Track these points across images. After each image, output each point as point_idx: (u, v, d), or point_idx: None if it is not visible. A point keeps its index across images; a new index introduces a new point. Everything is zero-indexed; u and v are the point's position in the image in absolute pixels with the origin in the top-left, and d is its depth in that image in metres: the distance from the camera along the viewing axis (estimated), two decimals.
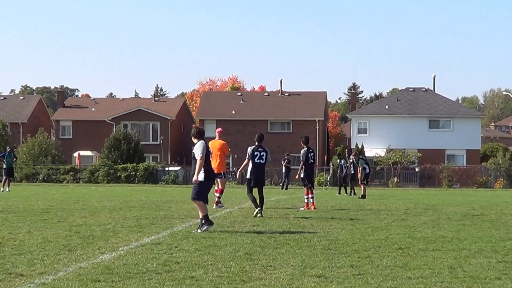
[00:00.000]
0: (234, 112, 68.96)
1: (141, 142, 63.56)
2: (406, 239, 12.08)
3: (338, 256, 9.96)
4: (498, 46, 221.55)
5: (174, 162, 65.16)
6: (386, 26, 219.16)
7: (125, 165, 57.63)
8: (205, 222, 12.97)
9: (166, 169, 58.75)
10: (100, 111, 73.29)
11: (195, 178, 13.12)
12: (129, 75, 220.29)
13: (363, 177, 29.20)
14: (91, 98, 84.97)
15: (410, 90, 71.36)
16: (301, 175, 19.73)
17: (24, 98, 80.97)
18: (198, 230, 12.89)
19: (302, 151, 19.64)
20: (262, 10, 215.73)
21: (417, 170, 60.83)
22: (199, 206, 13.11)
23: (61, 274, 8.35)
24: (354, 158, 31.88)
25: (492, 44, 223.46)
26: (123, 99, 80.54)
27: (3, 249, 10.49)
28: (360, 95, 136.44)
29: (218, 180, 19.00)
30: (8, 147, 38.27)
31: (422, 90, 71.03)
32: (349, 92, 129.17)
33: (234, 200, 25.14)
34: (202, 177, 13.07)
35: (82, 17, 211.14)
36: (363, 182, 29.09)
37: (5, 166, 35.04)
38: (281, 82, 75.12)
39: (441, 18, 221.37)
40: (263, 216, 16.70)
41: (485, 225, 15.25)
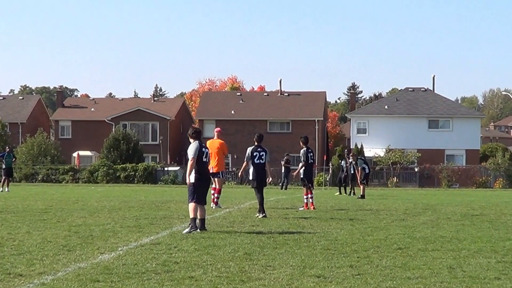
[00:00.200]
0: (233, 112, 68.95)
1: (140, 142, 63.53)
2: (405, 239, 12.09)
3: (337, 256, 9.96)
4: (497, 46, 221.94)
5: (173, 162, 65.16)
6: (386, 26, 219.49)
7: (124, 165, 57.60)
8: (190, 224, 12.86)
9: (166, 169, 58.71)
10: (99, 111, 73.25)
11: (187, 179, 13.12)
12: (128, 75, 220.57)
13: (363, 177, 29.21)
14: (90, 98, 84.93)
15: (410, 90, 71.35)
16: (300, 175, 19.74)
17: (23, 98, 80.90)
18: (184, 230, 12.89)
19: (302, 151, 19.64)
20: (262, 10, 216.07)
21: (416, 170, 60.82)
22: (190, 208, 13.02)
23: (60, 274, 8.36)
24: (352, 159, 31.89)
25: (491, 44, 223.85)
26: (123, 99, 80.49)
27: (2, 249, 10.48)
28: (359, 95, 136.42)
29: (216, 179, 19.02)
30: (7, 147, 38.25)
31: (422, 90, 71.01)
32: (348, 92, 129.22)
33: (233, 200, 25.14)
34: (193, 178, 13.01)
35: (82, 17, 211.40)
36: (363, 182, 29.09)
37: (4, 166, 35.02)
38: (280, 82, 75.23)
39: (440, 18, 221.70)
40: (267, 216, 16.71)
41: (484, 225, 15.25)
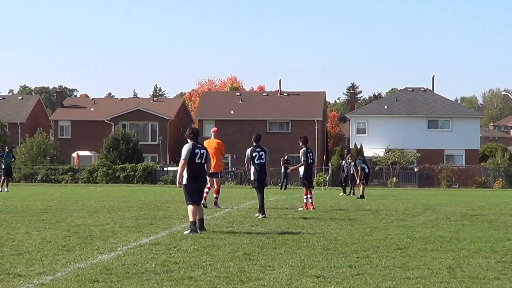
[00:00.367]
0: (233, 112, 68.95)
1: (139, 142, 63.52)
2: (405, 239, 12.08)
3: (336, 256, 9.95)
4: (497, 46, 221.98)
5: (172, 162, 65.04)
6: (385, 26, 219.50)
7: (123, 165, 57.58)
8: (191, 228, 12.81)
9: (165, 169, 58.70)
10: (98, 111, 73.23)
11: (177, 181, 13.10)
12: (127, 75, 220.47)
13: (363, 177, 29.16)
14: (90, 98, 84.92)
15: (409, 90, 71.35)
16: (300, 175, 19.81)
17: (22, 98, 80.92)
18: (185, 231, 12.87)
19: (302, 151, 19.68)
20: (261, 10, 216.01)
21: (416, 170, 60.82)
22: (189, 211, 13.00)
23: (59, 274, 8.36)
24: (351, 159, 31.89)
25: (491, 44, 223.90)
26: (122, 99, 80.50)
27: (2, 249, 10.48)
28: (359, 95, 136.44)
29: (214, 179, 19.01)
30: (6, 147, 38.23)
31: (421, 90, 71.02)
32: (348, 92, 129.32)
33: (232, 200, 25.13)
34: (185, 179, 12.95)
35: (81, 17, 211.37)
36: (362, 182, 29.05)
37: (3, 166, 34.99)
38: (280, 82, 75.29)
39: (440, 18, 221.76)
40: (266, 216, 16.71)
41: (484, 225, 15.25)
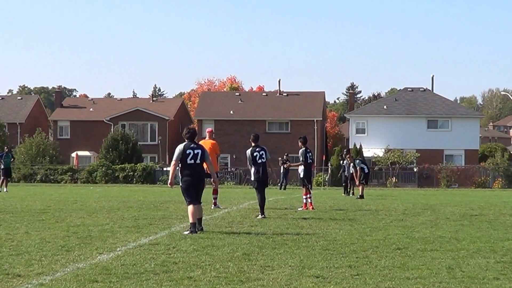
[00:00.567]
0: (232, 112, 68.94)
1: (139, 142, 63.55)
2: (404, 240, 12.08)
3: (336, 256, 9.95)
4: (496, 46, 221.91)
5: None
6: (384, 26, 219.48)
7: (123, 165, 57.59)
8: (190, 228, 12.77)
9: (164, 169, 58.64)
10: (98, 111, 73.24)
11: (169, 182, 13.13)
12: (127, 75, 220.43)
13: (362, 177, 29.11)
14: (89, 98, 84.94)
15: (409, 90, 71.34)
16: (300, 175, 19.92)
17: (22, 98, 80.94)
18: (184, 231, 12.87)
19: (301, 151, 19.79)
20: (260, 10, 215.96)
21: (415, 170, 60.83)
22: (188, 211, 12.97)
23: (59, 274, 8.35)
24: (349, 159, 31.88)
25: (490, 44, 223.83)
26: (121, 99, 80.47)
27: (1, 249, 10.47)
28: (358, 95, 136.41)
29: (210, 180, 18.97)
30: (6, 148, 38.18)
31: (421, 90, 71.03)
32: (347, 92, 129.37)
33: (232, 200, 25.13)
34: (181, 180, 12.96)
35: (80, 17, 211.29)
36: (362, 182, 29.02)
37: (3, 167, 34.95)
38: (279, 82, 75.34)
39: (439, 18, 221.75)
40: (266, 216, 16.70)
41: (483, 225, 15.25)
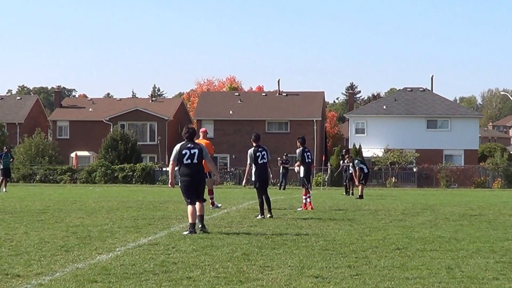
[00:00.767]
0: (231, 112, 68.93)
1: (138, 143, 63.52)
2: (403, 240, 12.07)
3: (335, 256, 9.94)
4: (496, 46, 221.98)
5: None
6: (384, 26, 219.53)
7: (122, 165, 57.55)
8: (190, 228, 12.75)
9: (164, 169, 58.62)
10: (97, 111, 73.22)
11: (169, 182, 13.16)
12: (126, 75, 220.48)
13: (362, 177, 29.08)
14: (88, 98, 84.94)
15: (408, 90, 71.36)
16: (300, 175, 20.12)
17: (21, 99, 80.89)
18: (184, 232, 12.87)
19: (298, 151, 20.04)
20: (260, 10, 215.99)
21: (415, 170, 60.82)
22: (188, 212, 12.96)
23: (58, 274, 8.34)
24: (348, 160, 31.89)
25: (490, 44, 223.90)
26: (121, 99, 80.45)
27: (0, 250, 10.46)
28: (358, 95, 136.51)
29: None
30: (5, 148, 38.13)
31: (420, 90, 71.04)
32: (347, 92, 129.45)
33: (231, 200, 25.12)
34: (179, 181, 12.96)
35: (79, 17, 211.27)
36: (361, 182, 29.00)
37: (2, 167, 34.88)
38: (278, 82, 75.35)
39: (439, 18, 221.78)
40: (274, 216, 16.67)
41: (483, 225, 15.24)
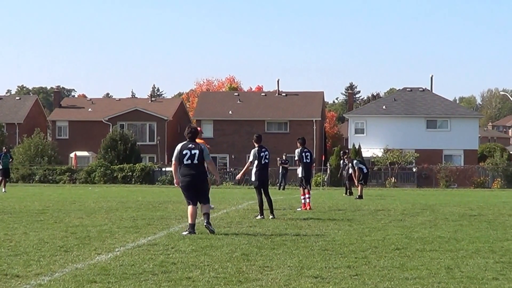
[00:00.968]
0: (231, 112, 68.93)
1: (137, 143, 63.50)
2: (403, 240, 12.07)
3: (335, 256, 9.93)
4: (496, 46, 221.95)
5: (170, 163, 64.84)
6: (384, 26, 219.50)
7: (121, 165, 57.53)
8: (189, 228, 12.74)
9: (163, 169, 58.65)
10: (96, 112, 73.20)
11: (175, 182, 13.19)
12: (125, 75, 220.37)
13: (361, 177, 29.07)
14: (88, 99, 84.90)
15: (408, 90, 71.36)
16: (299, 174, 20.22)
17: (20, 99, 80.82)
18: (183, 232, 12.86)
19: (296, 151, 20.29)
20: (259, 10, 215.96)
21: (414, 170, 60.83)
22: (188, 212, 12.95)
23: (57, 275, 8.32)
24: (347, 161, 31.91)
25: (490, 44, 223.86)
26: (120, 99, 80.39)
27: None
28: (357, 95, 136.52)
29: None
30: (4, 148, 38.17)
31: (420, 90, 71.05)
32: (346, 92, 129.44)
33: (230, 200, 25.11)
34: (180, 181, 12.98)
35: (79, 17, 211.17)
36: (361, 182, 28.99)
37: (1, 167, 34.87)
38: (278, 82, 75.40)
39: (438, 18, 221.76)
40: (275, 217, 16.65)
41: (482, 225, 15.24)
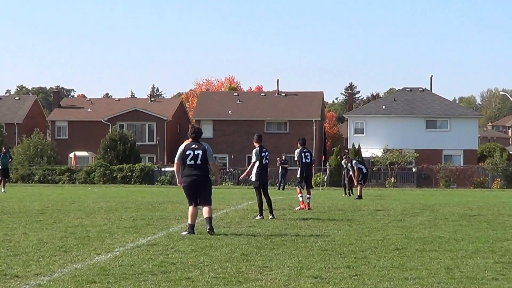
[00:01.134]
0: (230, 112, 68.93)
1: (137, 143, 63.51)
2: (403, 240, 12.06)
3: (334, 257, 9.93)
4: (495, 46, 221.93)
5: (170, 163, 65.01)
6: (383, 26, 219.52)
7: (121, 165, 57.53)
8: (188, 229, 12.74)
9: (162, 169, 58.66)
10: (96, 112, 73.18)
11: (178, 182, 13.19)
12: (125, 75, 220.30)
13: (361, 177, 29.07)
14: (87, 99, 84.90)
15: (407, 90, 71.36)
16: (297, 174, 20.32)
17: (19, 99, 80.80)
18: (183, 232, 12.85)
19: (296, 151, 20.36)
20: (259, 10, 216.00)
21: (414, 170, 60.83)
22: (188, 212, 12.95)
23: (56, 275, 8.32)
24: (347, 161, 31.91)
25: (489, 44, 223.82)
26: (119, 100, 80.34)
27: None
28: (357, 95, 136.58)
29: None
30: (3, 148, 38.13)
31: (419, 90, 71.06)
32: (346, 92, 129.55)
33: (230, 201, 25.11)
34: (182, 181, 12.98)
35: (78, 17, 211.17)
36: (360, 182, 29.00)
37: (0, 167, 34.90)
38: (277, 82, 75.28)
39: (438, 18, 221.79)
40: (275, 217, 16.64)
41: (482, 225, 15.23)
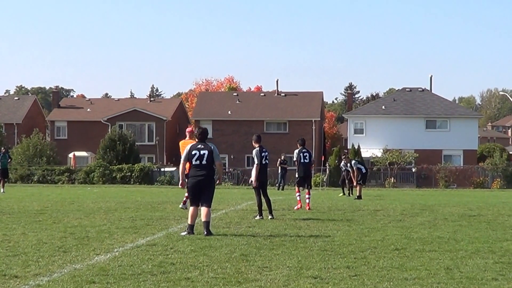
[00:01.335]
0: (230, 112, 68.92)
1: (136, 143, 63.45)
2: (402, 240, 12.06)
3: (334, 257, 9.92)
4: (495, 46, 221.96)
5: (169, 163, 65.08)
6: (383, 26, 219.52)
7: (120, 165, 57.48)
8: (188, 229, 12.74)
9: (162, 169, 58.65)
10: (95, 112, 73.16)
11: (180, 183, 13.20)
12: (124, 76, 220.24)
13: (360, 177, 29.09)
14: (86, 99, 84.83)
15: (407, 90, 71.37)
16: (296, 174, 20.41)
17: (19, 99, 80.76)
18: (182, 232, 12.84)
19: (295, 151, 20.38)
20: (259, 10, 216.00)
21: (413, 170, 60.83)
22: (189, 212, 12.95)
23: (56, 275, 8.31)
24: (346, 161, 31.93)
25: (489, 44, 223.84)
26: (119, 100, 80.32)
27: None
28: (356, 95, 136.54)
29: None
30: (2, 148, 38.10)
31: (419, 90, 71.06)
32: (345, 92, 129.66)
33: (229, 201, 25.11)
34: (187, 181, 12.97)
35: (78, 17, 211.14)
36: (359, 182, 29.02)
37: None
38: (277, 82, 75.27)
39: (437, 18, 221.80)
40: (274, 217, 16.61)
41: (482, 225, 15.23)
